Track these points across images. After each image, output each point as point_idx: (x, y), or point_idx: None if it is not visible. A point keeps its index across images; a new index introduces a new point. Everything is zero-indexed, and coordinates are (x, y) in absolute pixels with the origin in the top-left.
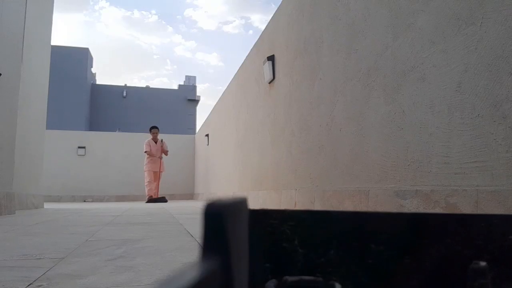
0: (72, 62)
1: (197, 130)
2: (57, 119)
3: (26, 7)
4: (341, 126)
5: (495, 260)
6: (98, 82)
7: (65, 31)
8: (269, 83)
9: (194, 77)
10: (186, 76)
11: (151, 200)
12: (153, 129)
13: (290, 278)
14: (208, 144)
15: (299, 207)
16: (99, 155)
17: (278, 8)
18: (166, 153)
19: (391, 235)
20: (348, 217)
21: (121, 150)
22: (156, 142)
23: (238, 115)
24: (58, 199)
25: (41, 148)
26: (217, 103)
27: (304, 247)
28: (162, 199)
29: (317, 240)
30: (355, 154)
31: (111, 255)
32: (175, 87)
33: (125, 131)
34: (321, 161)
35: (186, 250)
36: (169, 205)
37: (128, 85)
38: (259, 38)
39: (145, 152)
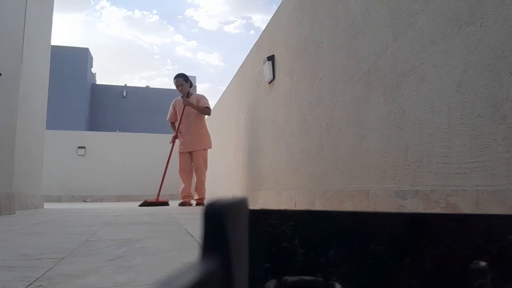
0: (72, 62)
1: None
2: (57, 119)
3: (26, 7)
4: (341, 126)
5: (495, 260)
6: (98, 82)
7: (65, 31)
8: (269, 83)
9: (194, 77)
10: None
11: (182, 203)
12: (176, 79)
13: (290, 278)
14: None
15: (299, 207)
16: (99, 155)
17: (278, 8)
18: (202, 110)
19: (391, 235)
20: (348, 217)
21: (121, 150)
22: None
23: (238, 115)
24: (58, 199)
25: (41, 148)
26: (217, 103)
27: (304, 247)
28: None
29: (317, 240)
30: (355, 154)
31: (111, 255)
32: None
33: (125, 131)
34: (321, 161)
35: (186, 250)
36: (169, 205)
37: (128, 85)
38: (259, 38)
39: (169, 121)
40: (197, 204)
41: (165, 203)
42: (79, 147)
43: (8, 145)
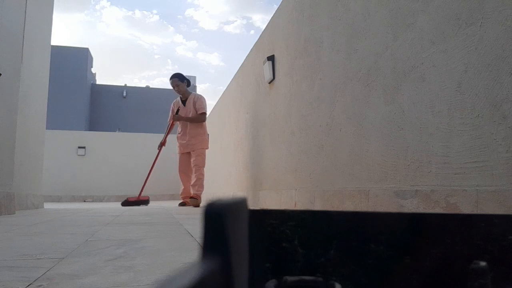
0: (72, 62)
1: None
2: (57, 119)
3: (26, 7)
4: (341, 126)
5: (495, 260)
6: (98, 82)
7: (65, 31)
8: (269, 83)
9: (194, 77)
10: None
11: (182, 204)
12: (172, 80)
13: (290, 278)
14: None
15: (299, 207)
16: (99, 155)
17: (278, 8)
18: (194, 120)
19: (391, 235)
20: (348, 217)
21: (121, 150)
22: (185, 102)
23: (238, 115)
24: (58, 199)
25: (41, 148)
26: (217, 103)
27: (304, 247)
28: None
29: (317, 240)
30: (355, 154)
31: (111, 255)
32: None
33: (125, 131)
34: (321, 161)
35: (186, 250)
36: (169, 205)
37: (128, 85)
38: (259, 38)
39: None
40: (190, 198)
41: (146, 201)
42: (79, 147)
43: (8, 145)
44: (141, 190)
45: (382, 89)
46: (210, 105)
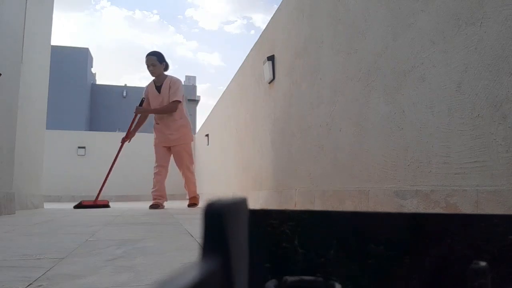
0: (72, 62)
1: (197, 130)
2: (57, 119)
3: (26, 7)
4: (341, 126)
5: (495, 260)
6: (98, 82)
7: (65, 31)
8: (269, 83)
9: (194, 77)
10: (186, 76)
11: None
12: (148, 57)
13: (290, 278)
14: (208, 144)
15: (299, 207)
16: (99, 155)
17: (278, 8)
18: (163, 111)
19: (391, 235)
20: (348, 217)
21: (121, 150)
22: (159, 89)
23: (238, 115)
24: (58, 199)
25: (41, 148)
26: (217, 103)
27: (304, 247)
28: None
29: (317, 240)
30: (355, 154)
31: (111, 255)
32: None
33: (125, 131)
34: (321, 161)
35: (186, 250)
36: (169, 205)
37: (128, 85)
38: (259, 38)
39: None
40: (190, 205)
41: (106, 205)
42: (79, 147)
43: (8, 145)
44: (99, 193)
45: (382, 89)
46: (211, 106)
